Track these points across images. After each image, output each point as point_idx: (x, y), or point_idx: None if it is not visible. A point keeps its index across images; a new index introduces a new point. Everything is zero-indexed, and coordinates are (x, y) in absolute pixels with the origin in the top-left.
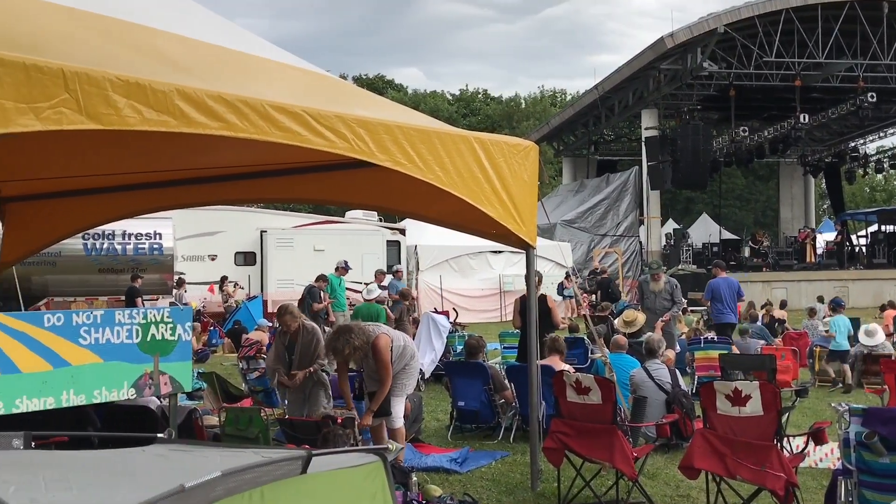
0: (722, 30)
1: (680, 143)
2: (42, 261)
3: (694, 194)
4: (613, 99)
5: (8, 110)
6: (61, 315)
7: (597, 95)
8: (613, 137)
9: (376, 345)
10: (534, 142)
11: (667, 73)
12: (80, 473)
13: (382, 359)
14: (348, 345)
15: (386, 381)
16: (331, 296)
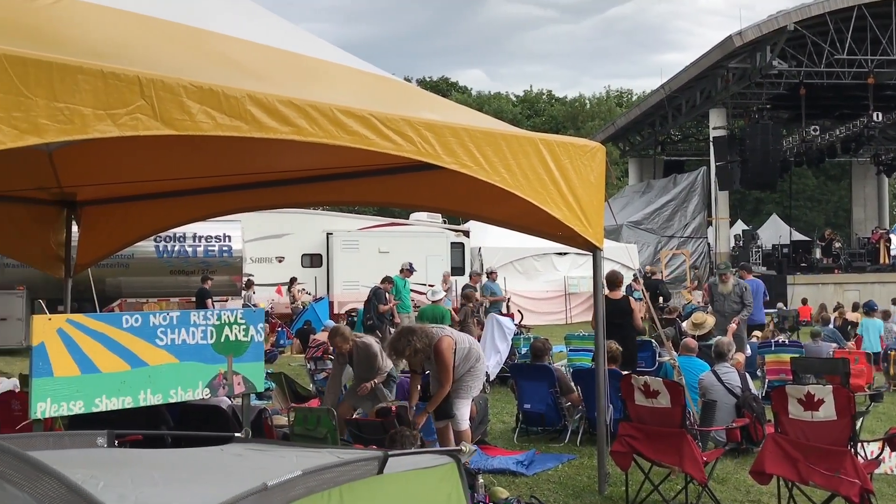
0: (792, 27)
1: (749, 142)
2: (116, 263)
3: (763, 195)
4: (681, 98)
5: (86, 116)
6: (139, 316)
7: (663, 95)
8: (680, 137)
9: (438, 347)
10: (599, 142)
11: (735, 72)
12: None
13: (443, 361)
14: (409, 346)
15: (445, 383)
16: (396, 297)
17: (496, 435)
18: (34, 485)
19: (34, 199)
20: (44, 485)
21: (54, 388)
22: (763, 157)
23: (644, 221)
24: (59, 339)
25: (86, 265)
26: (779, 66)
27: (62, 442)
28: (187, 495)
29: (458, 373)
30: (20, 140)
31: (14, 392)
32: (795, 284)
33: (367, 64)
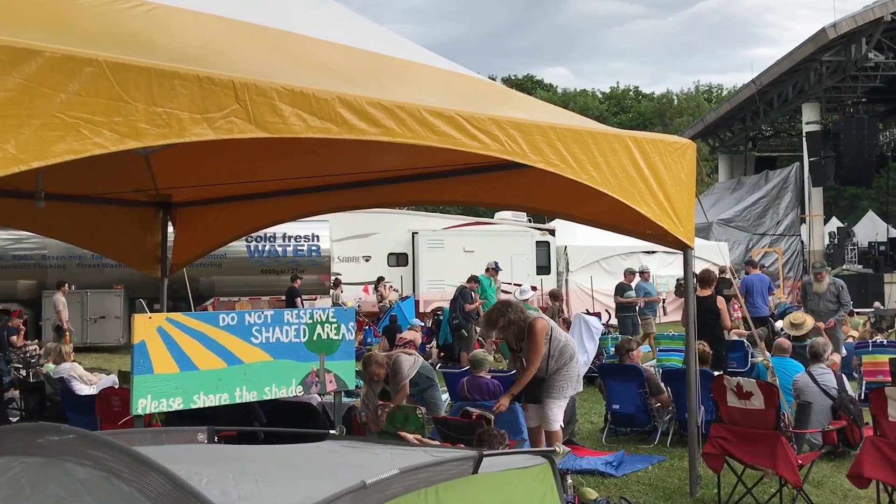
0: (889, 18)
1: (843, 137)
2: (209, 262)
3: (859, 191)
4: (772, 93)
5: (183, 120)
6: (235, 315)
7: (754, 90)
8: (772, 133)
9: (533, 325)
10: (688, 139)
11: (829, 65)
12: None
13: (535, 341)
14: (503, 317)
15: (532, 364)
16: (482, 297)
17: (584, 435)
18: (141, 480)
19: (132, 201)
20: (150, 480)
21: (154, 385)
22: (858, 151)
23: (735, 219)
24: (158, 338)
25: (181, 265)
26: (875, 58)
27: (164, 438)
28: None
29: (552, 368)
30: (121, 144)
31: (114, 388)
32: (893, 283)
33: (452, 63)
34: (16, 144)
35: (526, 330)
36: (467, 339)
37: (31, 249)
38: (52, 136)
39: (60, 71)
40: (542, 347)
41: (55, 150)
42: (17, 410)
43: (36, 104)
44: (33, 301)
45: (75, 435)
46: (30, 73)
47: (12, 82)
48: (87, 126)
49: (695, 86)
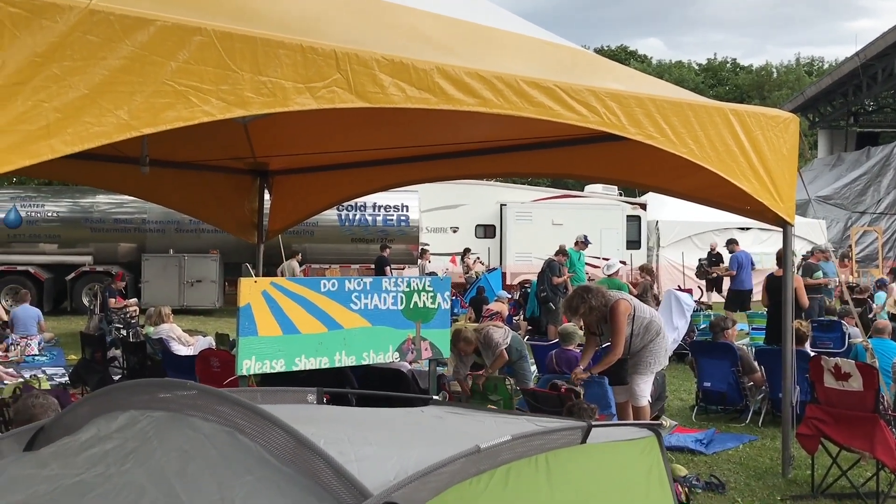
0: None
1: None
2: (302, 230)
3: None
4: (877, 67)
5: (287, 90)
6: (335, 281)
7: (858, 63)
8: (875, 108)
9: (614, 308)
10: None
11: None
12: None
13: (617, 324)
14: (584, 304)
15: (616, 347)
16: (570, 270)
17: (674, 412)
18: (265, 436)
19: (231, 168)
20: (274, 436)
21: (259, 347)
22: None
23: (834, 196)
24: (263, 301)
25: (276, 231)
26: None
27: (275, 397)
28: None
29: (636, 345)
30: (228, 112)
31: (212, 350)
32: None
33: (548, 33)
34: (128, 111)
35: (608, 313)
36: (555, 312)
37: (132, 214)
38: (162, 103)
39: (171, 40)
40: (624, 330)
41: (165, 116)
42: (119, 369)
43: (147, 72)
44: (133, 264)
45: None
46: (142, 42)
47: (126, 50)
48: (196, 94)
49: (795, 58)
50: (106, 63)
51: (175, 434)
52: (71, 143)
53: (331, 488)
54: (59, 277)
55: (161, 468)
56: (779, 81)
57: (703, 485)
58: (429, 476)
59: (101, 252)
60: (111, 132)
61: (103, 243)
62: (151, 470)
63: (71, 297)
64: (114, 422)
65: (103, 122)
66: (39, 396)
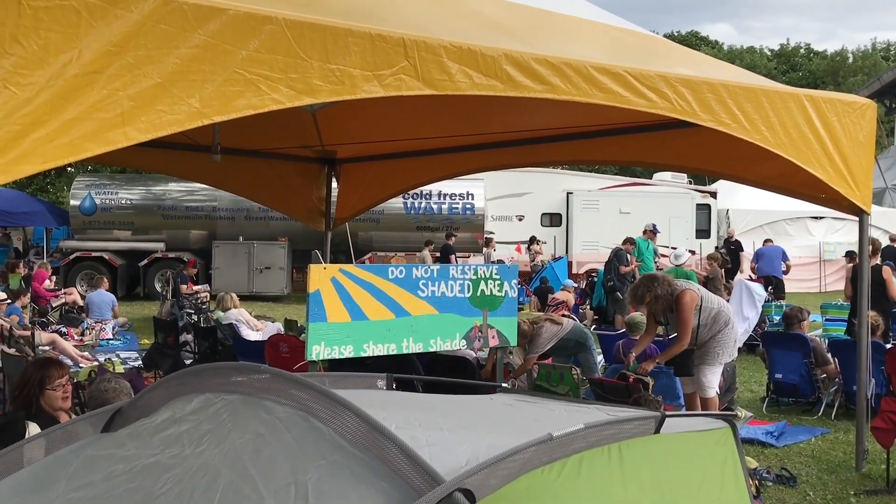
0: None
1: None
2: (368, 218)
3: None
4: None
5: (355, 77)
6: (403, 269)
7: None
8: None
9: (680, 298)
10: None
11: None
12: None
13: (683, 314)
14: (650, 293)
15: (682, 337)
16: (638, 259)
17: (744, 404)
18: (337, 420)
19: (299, 156)
20: (346, 420)
21: (328, 333)
22: None
23: None
24: (332, 287)
25: (344, 219)
26: None
27: (345, 382)
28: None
29: (703, 336)
30: (297, 100)
31: (281, 335)
32: None
33: (617, 18)
34: (200, 99)
35: (674, 302)
36: (622, 301)
37: (203, 201)
38: (233, 91)
39: (242, 28)
40: (690, 320)
41: (236, 105)
42: (190, 353)
43: (219, 61)
44: (203, 251)
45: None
46: (214, 31)
47: (198, 39)
48: (266, 82)
49: (871, 43)
50: (178, 52)
51: (249, 417)
52: (144, 131)
53: (403, 473)
54: (132, 263)
55: (235, 450)
56: (854, 67)
57: (774, 478)
58: (501, 463)
59: (173, 239)
60: (183, 120)
61: (175, 230)
62: (226, 452)
63: (144, 283)
64: (189, 404)
65: (175, 110)
66: (112, 380)
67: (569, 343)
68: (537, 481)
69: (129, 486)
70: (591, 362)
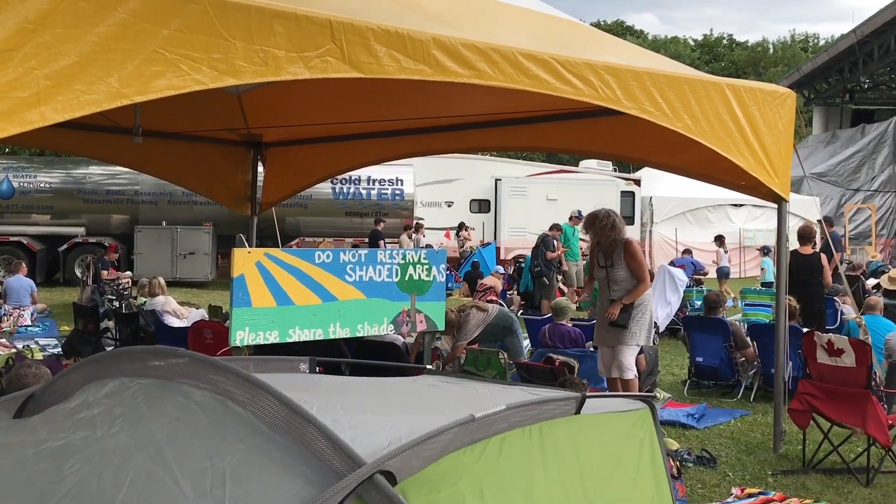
0: None
1: None
2: (295, 203)
3: None
4: (873, 44)
5: (280, 59)
6: (330, 253)
7: (854, 40)
8: (871, 85)
9: (630, 243)
10: None
11: None
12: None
13: (638, 257)
14: (609, 219)
15: (643, 280)
16: (564, 245)
17: (666, 387)
18: (257, 403)
19: (224, 139)
20: (265, 404)
21: (253, 318)
22: None
23: (828, 173)
24: (257, 272)
25: (270, 204)
26: None
27: (268, 366)
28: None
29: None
30: (219, 81)
31: (205, 321)
32: None
33: (546, 6)
34: (119, 79)
35: (622, 246)
36: (548, 286)
37: (125, 185)
38: (153, 71)
39: (163, 7)
40: (644, 260)
41: (156, 85)
42: (111, 340)
43: (139, 39)
44: (125, 235)
45: (191, 358)
46: (134, 9)
47: (117, 17)
48: (188, 62)
49: (790, 35)
50: (97, 30)
51: (165, 401)
52: (61, 111)
53: (323, 456)
54: (51, 248)
55: (150, 434)
56: (774, 58)
57: (695, 459)
58: (422, 445)
59: (94, 223)
60: (101, 100)
61: (96, 214)
62: (140, 435)
63: (63, 269)
64: (103, 388)
65: (94, 90)
66: (32, 366)
67: (496, 328)
68: (459, 462)
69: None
70: (517, 347)
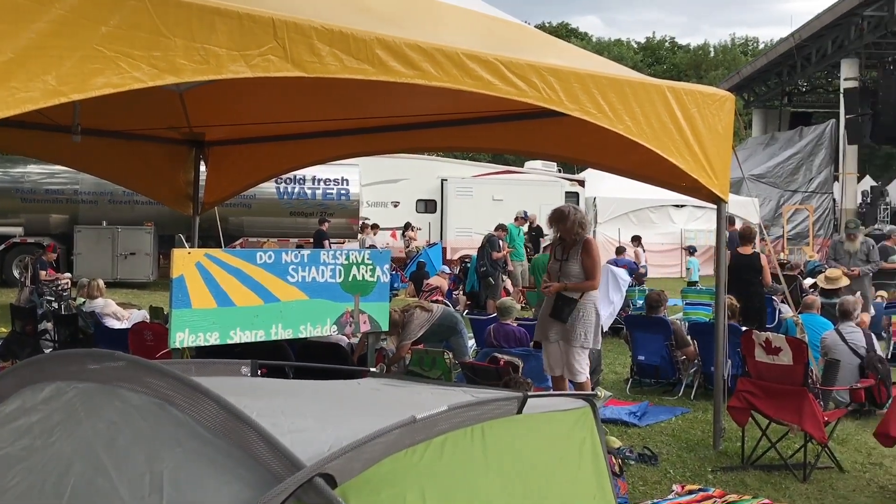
0: None
1: (882, 94)
2: (239, 203)
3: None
4: (811, 47)
5: (221, 57)
6: (272, 253)
7: (793, 44)
8: (809, 88)
9: (591, 242)
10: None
11: (871, 21)
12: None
13: (595, 256)
14: (575, 215)
15: (593, 277)
16: (510, 245)
17: (608, 385)
18: (196, 407)
19: (165, 138)
20: (205, 408)
21: (192, 320)
22: None
23: (767, 175)
24: (197, 273)
25: (212, 204)
26: None
27: (208, 369)
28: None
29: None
30: (159, 79)
31: (146, 323)
32: None
33: (490, 7)
34: (56, 76)
35: (582, 244)
36: (494, 286)
37: (64, 184)
38: (91, 68)
39: (102, 3)
40: (600, 260)
41: (94, 83)
42: (50, 342)
43: (77, 36)
44: (65, 235)
45: (129, 362)
46: (72, 5)
47: (55, 13)
48: (127, 60)
49: (731, 38)
50: (34, 27)
51: (103, 406)
52: None
53: (262, 460)
54: None
55: (88, 441)
56: (715, 61)
57: (637, 456)
58: (363, 447)
59: (32, 223)
60: (38, 98)
61: (34, 214)
62: (78, 443)
63: (1, 269)
64: (40, 393)
65: (30, 87)
66: None
67: (440, 328)
68: (400, 463)
69: None
70: (462, 347)
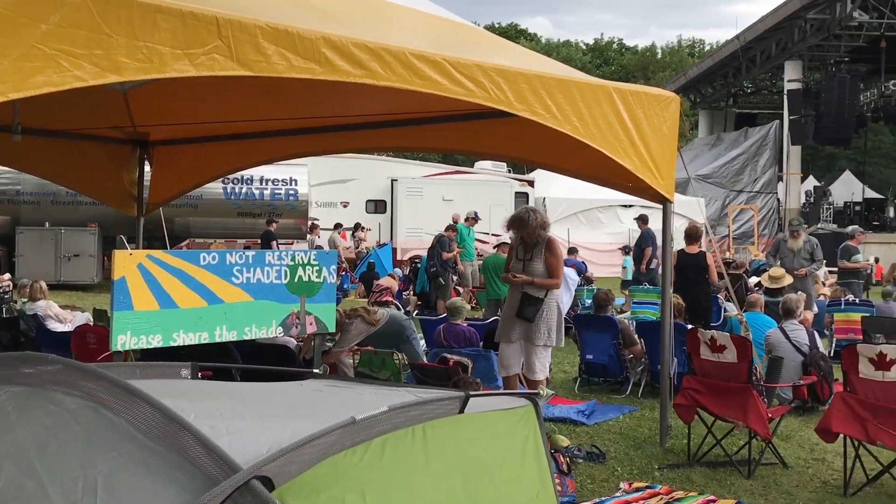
0: None
1: (824, 96)
2: (185, 203)
3: (837, 150)
4: (755, 50)
5: (164, 56)
6: (216, 254)
7: (738, 46)
8: (753, 90)
9: (554, 241)
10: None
11: (813, 23)
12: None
13: (558, 255)
14: (536, 218)
15: (557, 276)
16: (460, 245)
17: (557, 384)
18: (130, 411)
19: (109, 137)
20: (140, 411)
21: (134, 322)
22: (838, 111)
23: (713, 175)
24: (139, 274)
25: (157, 204)
26: (859, 17)
27: (148, 372)
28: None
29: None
30: (101, 77)
31: (89, 325)
32: (867, 243)
33: (439, 8)
34: None
35: (545, 243)
36: (444, 287)
37: (5, 185)
38: (31, 67)
39: (42, 1)
40: (562, 260)
41: (34, 81)
42: None
43: (16, 34)
44: (6, 237)
45: (63, 365)
46: (10, 2)
47: None
48: (67, 58)
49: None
50: None
51: (36, 410)
52: None
53: (199, 463)
54: None
55: (20, 445)
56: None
57: (585, 455)
58: (301, 449)
59: None
60: None
61: None
62: (10, 447)
63: None
64: None
65: None
66: None
67: (385, 336)
68: (340, 465)
69: None
70: (413, 353)
